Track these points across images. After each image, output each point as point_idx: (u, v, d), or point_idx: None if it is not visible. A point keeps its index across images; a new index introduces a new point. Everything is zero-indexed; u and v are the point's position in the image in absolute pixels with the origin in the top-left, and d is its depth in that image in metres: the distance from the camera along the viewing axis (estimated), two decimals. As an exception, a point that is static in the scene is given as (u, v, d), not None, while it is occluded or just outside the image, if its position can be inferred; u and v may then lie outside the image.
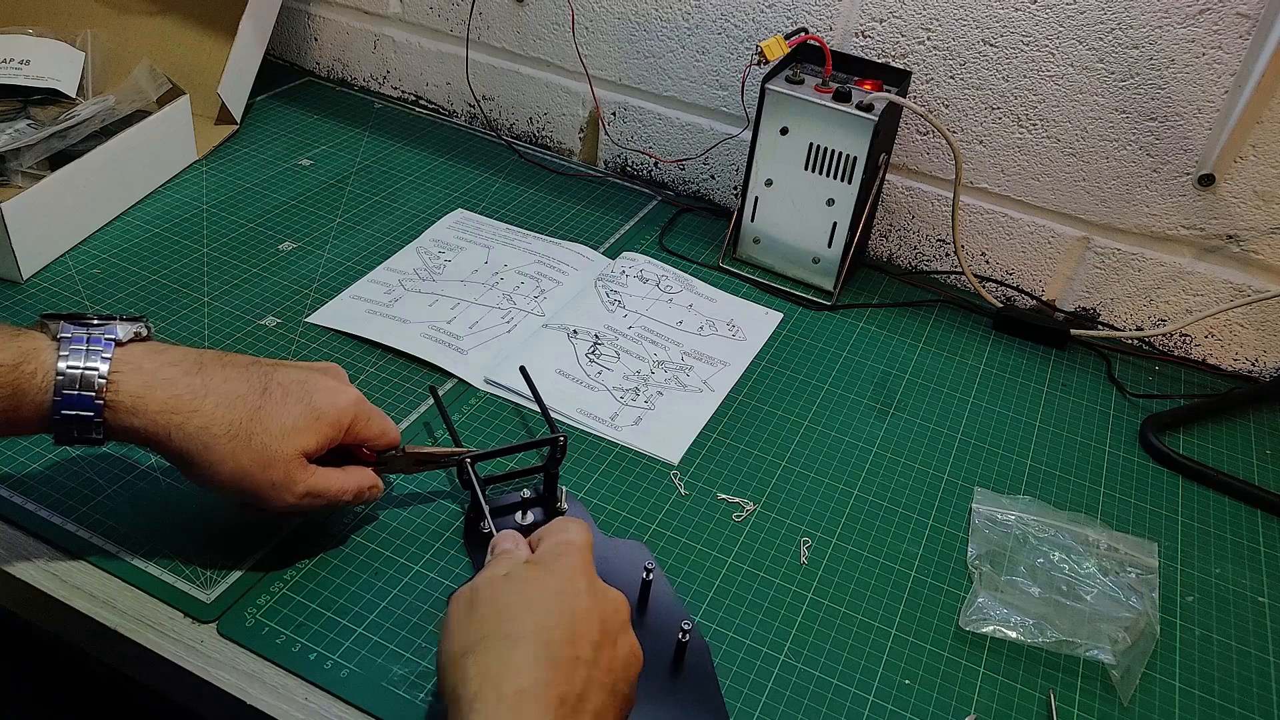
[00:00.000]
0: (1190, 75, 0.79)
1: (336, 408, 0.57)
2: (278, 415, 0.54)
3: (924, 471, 0.73)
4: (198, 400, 0.53)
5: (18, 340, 0.52)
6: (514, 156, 1.08)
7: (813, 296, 0.90)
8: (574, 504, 0.66)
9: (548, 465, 0.66)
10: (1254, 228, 0.82)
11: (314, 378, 0.58)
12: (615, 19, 0.99)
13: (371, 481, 0.60)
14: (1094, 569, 0.64)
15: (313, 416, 0.55)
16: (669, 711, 0.54)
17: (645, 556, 0.62)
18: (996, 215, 0.92)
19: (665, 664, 0.56)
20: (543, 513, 0.65)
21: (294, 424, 0.55)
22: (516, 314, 0.83)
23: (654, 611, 0.59)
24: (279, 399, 0.55)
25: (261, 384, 0.55)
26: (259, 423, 0.54)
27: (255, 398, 0.54)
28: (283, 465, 0.54)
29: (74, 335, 0.52)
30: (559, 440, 0.65)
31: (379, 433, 0.60)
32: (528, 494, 0.65)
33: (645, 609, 0.59)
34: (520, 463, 0.68)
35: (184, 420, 0.53)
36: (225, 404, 0.54)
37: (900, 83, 0.86)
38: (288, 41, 1.20)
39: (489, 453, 0.64)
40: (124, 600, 0.57)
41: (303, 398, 0.56)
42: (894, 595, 0.63)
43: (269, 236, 0.89)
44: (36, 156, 0.85)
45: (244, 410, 0.54)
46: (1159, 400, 0.83)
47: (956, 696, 0.58)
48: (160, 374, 0.53)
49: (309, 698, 0.54)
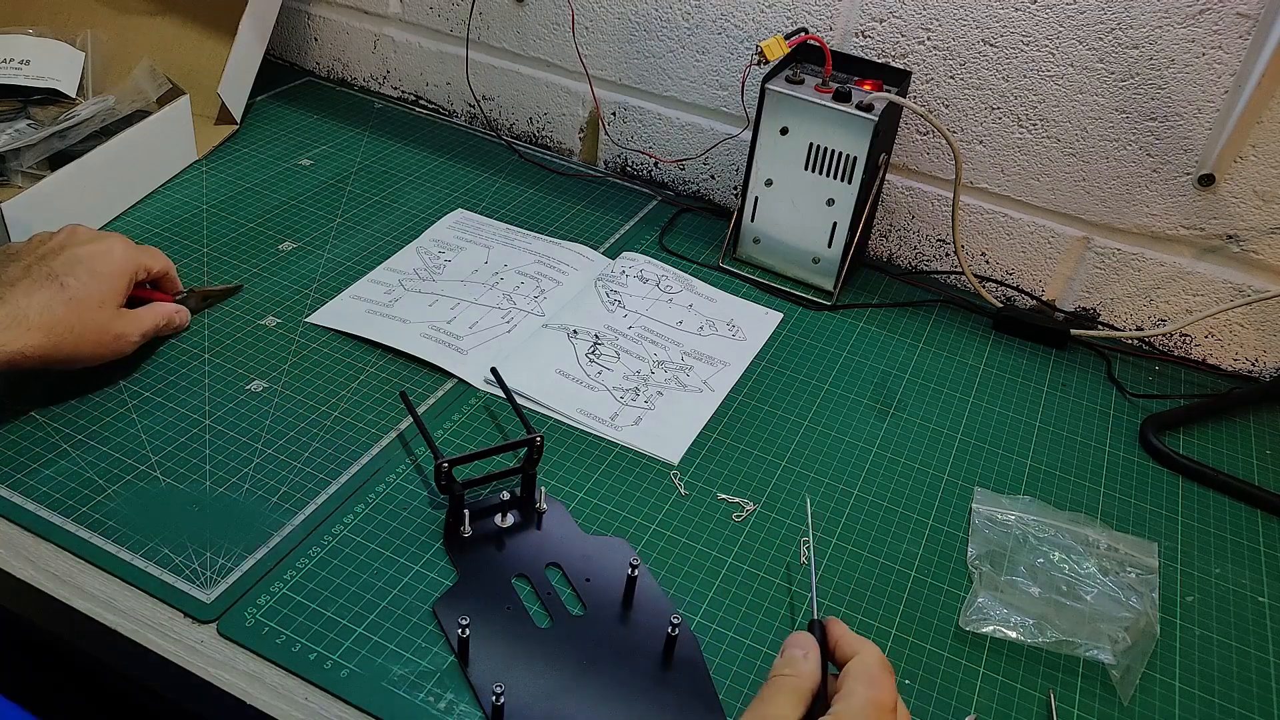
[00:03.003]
0: (1190, 75, 0.79)
1: (119, 262, 0.70)
2: (85, 293, 0.66)
3: (924, 471, 0.73)
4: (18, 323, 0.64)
5: None
6: (514, 156, 1.08)
7: (813, 296, 0.90)
8: (553, 504, 0.66)
9: (525, 466, 0.66)
10: (1254, 228, 0.82)
11: (86, 247, 0.69)
12: (615, 19, 0.99)
13: (176, 308, 0.75)
14: (1094, 569, 0.64)
15: (103, 280, 0.68)
16: (662, 704, 0.55)
17: (629, 553, 0.63)
18: (996, 215, 0.92)
19: (655, 657, 0.57)
20: (520, 514, 0.65)
21: (101, 292, 0.67)
22: (516, 314, 0.83)
23: (641, 607, 0.60)
24: (74, 286, 0.66)
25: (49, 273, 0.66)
26: (75, 310, 0.66)
27: (55, 290, 0.65)
28: (110, 326, 0.68)
29: None
30: (535, 441, 0.65)
31: (162, 267, 0.75)
32: (506, 496, 0.65)
33: (632, 604, 0.60)
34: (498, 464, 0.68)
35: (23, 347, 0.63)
36: (40, 311, 0.64)
37: (900, 83, 0.86)
38: (288, 41, 1.20)
39: (465, 456, 0.63)
40: (124, 600, 0.57)
41: (88, 267, 0.68)
42: (894, 595, 0.63)
43: (269, 236, 0.89)
44: (36, 156, 0.85)
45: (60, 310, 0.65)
46: (1159, 400, 0.83)
47: (956, 696, 0.58)
48: None
49: (309, 698, 0.54)
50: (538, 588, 0.60)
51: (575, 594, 0.60)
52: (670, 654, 0.57)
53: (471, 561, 0.61)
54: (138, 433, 0.67)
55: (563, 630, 0.58)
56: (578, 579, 0.61)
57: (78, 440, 0.66)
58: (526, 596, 0.60)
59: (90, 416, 0.68)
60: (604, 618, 0.59)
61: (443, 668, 0.55)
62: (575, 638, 0.57)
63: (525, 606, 0.59)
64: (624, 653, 0.57)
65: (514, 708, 0.53)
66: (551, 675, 0.55)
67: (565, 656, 0.56)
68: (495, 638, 0.57)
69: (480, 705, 0.54)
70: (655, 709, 0.54)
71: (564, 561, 0.62)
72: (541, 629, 0.58)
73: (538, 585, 0.60)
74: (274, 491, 0.65)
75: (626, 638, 0.58)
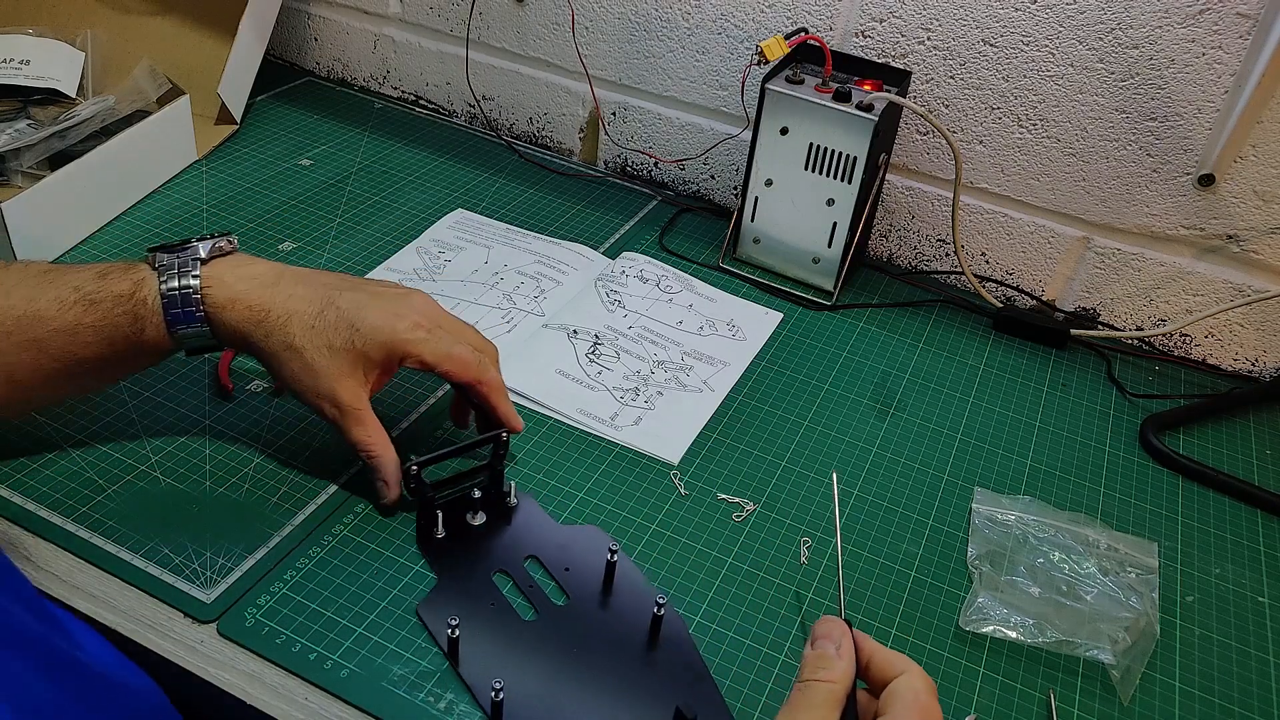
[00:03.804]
0: (1190, 75, 0.79)
1: (383, 331, 0.61)
2: (326, 334, 0.60)
3: (924, 471, 0.73)
4: (262, 314, 0.60)
5: (129, 273, 0.60)
6: (514, 156, 1.08)
7: (813, 296, 0.90)
8: (524, 497, 0.66)
9: (493, 463, 0.66)
10: (1254, 228, 0.82)
11: (376, 300, 0.62)
12: (615, 19, 0.99)
13: (385, 474, 0.62)
14: (1094, 569, 0.64)
15: (358, 334, 0.60)
16: (655, 680, 0.56)
17: (606, 540, 0.63)
18: (996, 215, 0.92)
19: (643, 637, 0.58)
20: (492, 511, 0.65)
21: (340, 344, 0.60)
22: (516, 314, 0.83)
23: (623, 590, 0.61)
24: (331, 320, 0.60)
25: (321, 305, 0.61)
26: (308, 340, 0.60)
27: (311, 317, 0.60)
28: (328, 381, 0.60)
29: (168, 261, 0.60)
30: (502, 437, 0.65)
31: (439, 358, 0.62)
32: (478, 494, 0.64)
33: (613, 589, 0.60)
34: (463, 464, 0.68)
35: (252, 329, 0.60)
36: (284, 319, 0.60)
37: (900, 83, 0.86)
38: (288, 41, 1.20)
39: (433, 457, 0.63)
40: (124, 600, 0.57)
41: (354, 320, 0.61)
42: (894, 595, 0.63)
43: (269, 236, 0.89)
44: (36, 156, 0.85)
45: (297, 328, 0.60)
46: (1159, 400, 0.83)
47: (956, 696, 0.58)
48: (238, 287, 0.60)
49: (309, 698, 0.54)
50: (519, 581, 0.60)
51: (556, 584, 0.61)
52: (656, 632, 0.58)
53: (449, 562, 0.61)
54: (138, 433, 0.67)
55: (549, 621, 0.58)
56: (557, 569, 0.61)
57: (78, 440, 0.66)
58: (509, 591, 0.60)
59: (90, 416, 0.68)
60: (588, 604, 0.60)
61: (442, 668, 0.55)
62: (562, 627, 0.58)
63: (509, 601, 0.59)
64: (612, 636, 0.58)
65: (513, 702, 0.53)
66: (544, 666, 0.56)
67: (555, 646, 0.57)
68: (483, 635, 0.57)
69: (479, 704, 0.54)
70: (650, 686, 0.56)
71: (541, 553, 0.62)
72: (528, 621, 0.58)
73: (518, 579, 0.61)
74: (274, 491, 0.65)
75: (612, 621, 0.59)
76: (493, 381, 0.65)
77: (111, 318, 0.58)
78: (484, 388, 0.64)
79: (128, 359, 0.61)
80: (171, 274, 0.59)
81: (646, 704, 0.54)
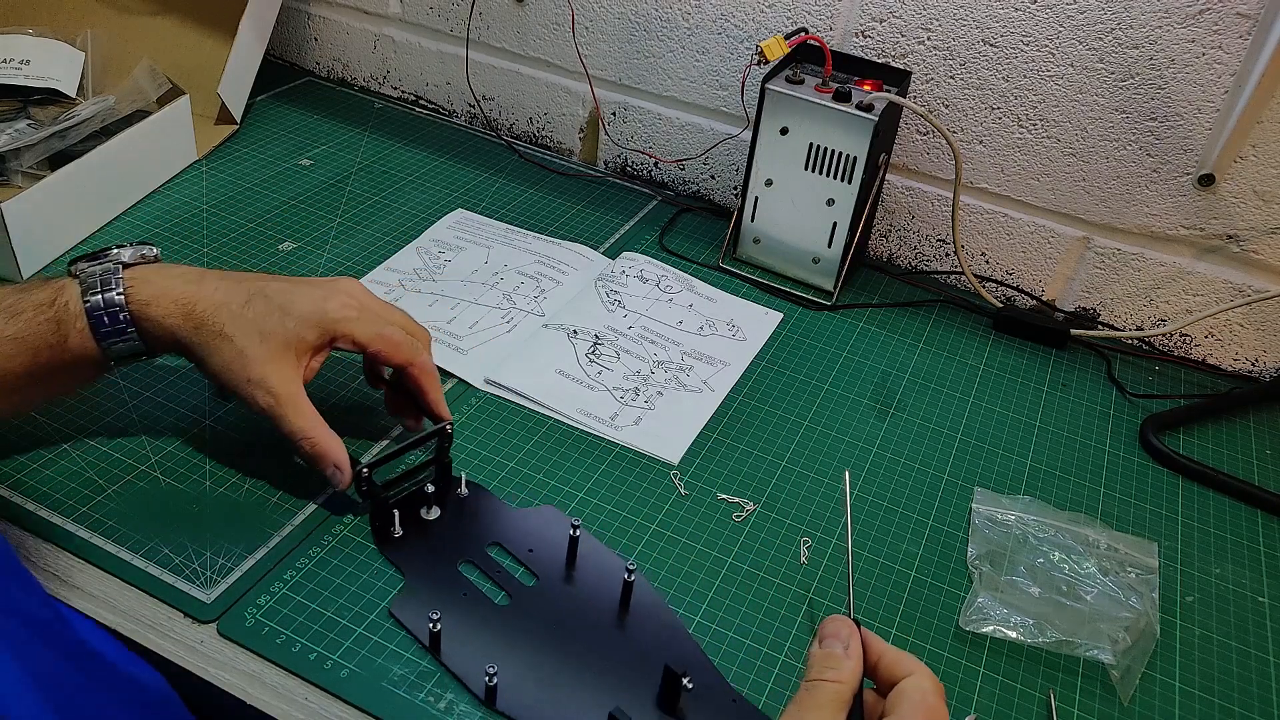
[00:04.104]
0: (1190, 75, 0.79)
1: (314, 314, 0.61)
2: (256, 321, 0.60)
3: (924, 471, 0.73)
4: (189, 306, 0.60)
5: (50, 283, 0.60)
6: (514, 156, 1.08)
7: (813, 296, 0.90)
8: (474, 487, 0.66)
9: (438, 456, 0.66)
10: (1254, 228, 0.82)
11: (302, 287, 0.62)
12: (615, 19, 0.99)
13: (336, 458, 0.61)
14: (1094, 569, 0.64)
15: (288, 317, 0.60)
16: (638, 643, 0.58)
17: (564, 518, 0.65)
18: (996, 215, 0.92)
19: (615, 605, 0.60)
20: (445, 504, 0.65)
21: (270, 326, 0.60)
22: (516, 314, 0.83)
23: (589, 564, 0.62)
24: (260, 308, 0.60)
25: (247, 295, 0.61)
26: (237, 327, 0.59)
27: (239, 306, 0.60)
28: (259, 366, 0.59)
29: (88, 267, 0.60)
30: (445, 430, 0.65)
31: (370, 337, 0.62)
32: (431, 489, 0.64)
33: (578, 564, 0.62)
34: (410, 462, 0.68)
35: (180, 323, 0.59)
36: (211, 310, 0.60)
37: (900, 83, 0.86)
38: (288, 41, 1.20)
39: (382, 459, 0.63)
40: (124, 600, 0.57)
41: (284, 301, 0.61)
42: (894, 595, 0.63)
43: (269, 236, 0.89)
44: (36, 156, 0.85)
45: (225, 316, 0.60)
46: (1159, 400, 0.83)
47: (956, 696, 0.58)
48: (162, 284, 0.60)
49: (309, 698, 0.54)
50: (486, 569, 0.61)
51: (523, 566, 0.61)
52: (628, 599, 0.60)
53: (413, 559, 0.61)
54: (138, 433, 0.67)
55: (523, 602, 0.59)
56: (520, 552, 0.62)
57: (78, 440, 0.66)
58: (478, 579, 0.60)
59: (90, 416, 0.68)
60: (557, 582, 0.61)
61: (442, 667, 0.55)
62: (537, 606, 0.59)
63: (480, 589, 0.60)
64: (587, 607, 0.59)
65: (504, 686, 0.54)
66: (527, 646, 0.57)
67: (533, 626, 0.58)
68: (461, 625, 0.57)
69: (471, 692, 0.54)
70: (633, 649, 0.57)
71: (503, 538, 0.63)
72: (502, 606, 0.59)
73: (485, 567, 0.61)
74: (274, 491, 0.65)
75: (584, 594, 0.60)
76: (424, 365, 0.65)
77: (33, 326, 0.57)
78: (415, 370, 0.64)
79: (55, 372, 0.59)
80: (93, 276, 0.59)
81: (632, 666, 0.56)
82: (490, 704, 0.53)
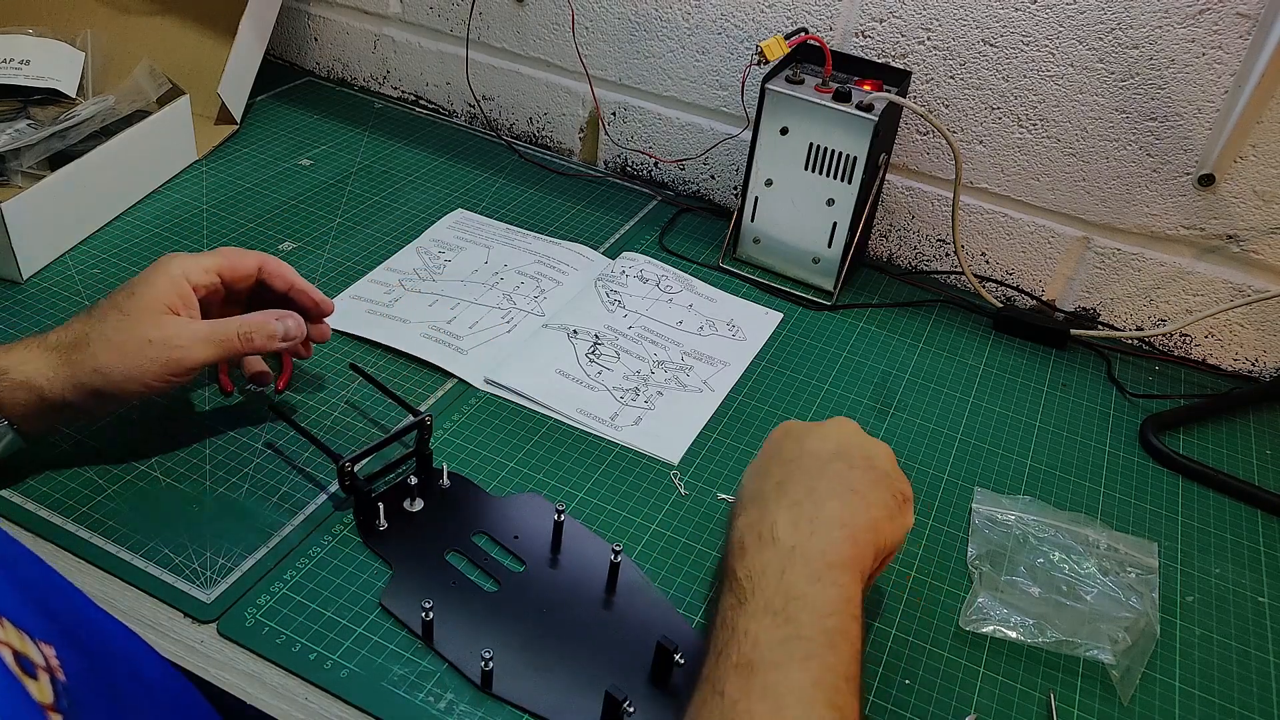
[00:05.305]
0: (1190, 75, 0.79)
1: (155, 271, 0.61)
2: (111, 306, 0.60)
3: (924, 471, 0.73)
4: (39, 347, 0.59)
5: None
6: (514, 156, 1.08)
7: (813, 296, 0.90)
8: (456, 477, 0.67)
9: (419, 448, 0.66)
10: (1254, 228, 0.82)
11: (134, 277, 0.62)
12: (615, 19, 0.99)
13: (238, 322, 0.62)
14: (1094, 569, 0.64)
15: (135, 290, 0.60)
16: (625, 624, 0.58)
17: (548, 504, 0.65)
18: (996, 215, 0.92)
19: (603, 587, 0.61)
20: (428, 495, 0.65)
21: (126, 305, 0.59)
22: (516, 314, 0.83)
23: (575, 547, 0.63)
24: (104, 303, 0.60)
25: (87, 310, 0.61)
26: (97, 322, 0.59)
27: (84, 315, 0.60)
28: (142, 331, 0.59)
29: None
30: (425, 422, 0.65)
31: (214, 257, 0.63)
32: (414, 481, 0.65)
33: (563, 548, 0.63)
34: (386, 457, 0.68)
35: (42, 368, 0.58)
36: (61, 333, 0.59)
37: (900, 83, 0.86)
38: (288, 41, 1.20)
39: (363, 452, 0.63)
40: (124, 600, 0.57)
41: (123, 288, 0.61)
42: (894, 595, 0.63)
43: (269, 236, 0.89)
44: (36, 156, 0.85)
45: (79, 326, 0.59)
46: (1159, 400, 0.83)
47: (956, 696, 0.58)
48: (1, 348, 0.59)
49: (309, 698, 0.54)
50: (473, 557, 0.61)
51: (510, 553, 0.62)
52: (615, 580, 0.61)
53: (400, 550, 0.61)
54: (138, 433, 0.67)
55: (512, 588, 0.60)
56: (506, 539, 0.63)
57: (78, 440, 0.66)
58: (465, 568, 0.61)
59: (90, 416, 0.68)
60: (545, 566, 0.61)
61: (443, 667, 0.55)
62: (526, 591, 0.60)
63: (468, 577, 0.60)
64: (576, 590, 0.60)
65: (499, 670, 0.55)
66: (518, 631, 0.57)
67: (524, 611, 0.58)
68: (453, 613, 0.58)
69: (467, 679, 0.54)
70: (623, 629, 0.58)
71: (488, 527, 0.64)
72: (492, 593, 0.59)
73: (472, 555, 0.62)
74: (274, 491, 0.65)
75: (572, 577, 0.61)
76: (274, 260, 0.66)
77: None
78: (269, 267, 0.66)
79: None
80: None
81: (624, 645, 0.57)
82: (487, 689, 0.54)
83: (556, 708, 0.54)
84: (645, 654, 0.56)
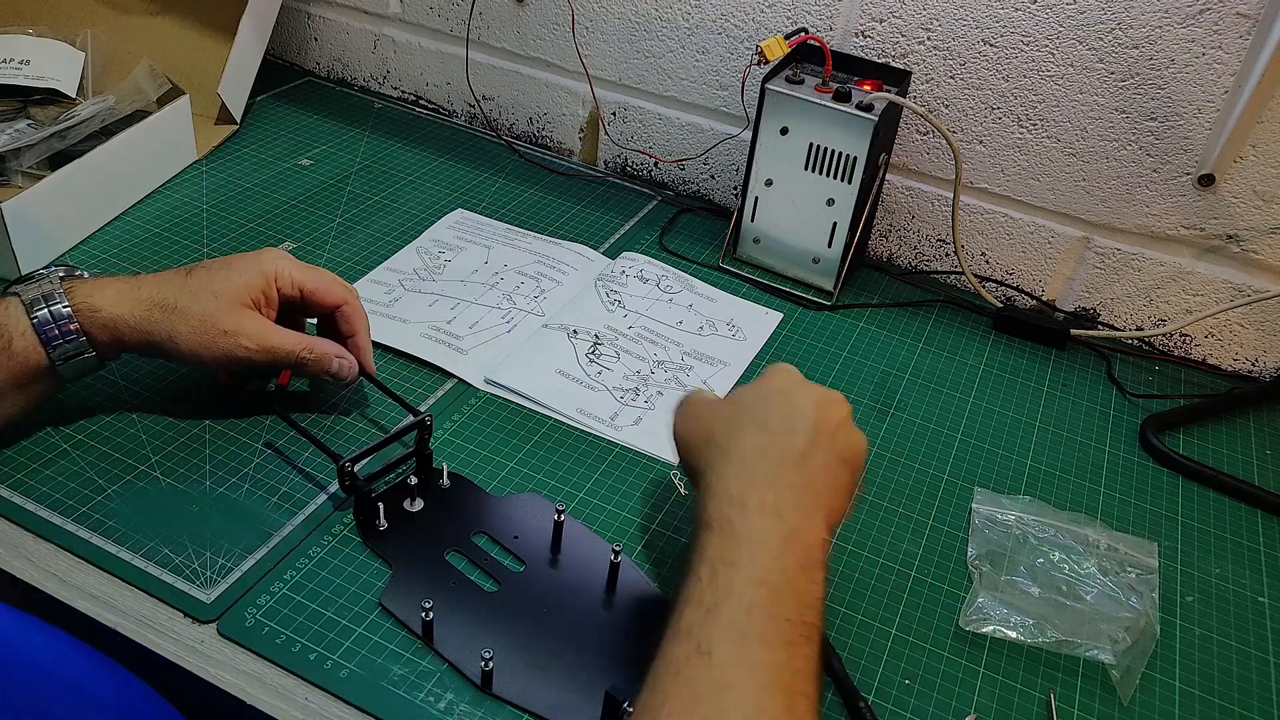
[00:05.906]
0: (1190, 75, 0.79)
1: (252, 264, 0.65)
2: (205, 284, 0.63)
3: (924, 471, 0.73)
4: (133, 293, 0.63)
5: None
6: (514, 156, 1.08)
7: (813, 296, 0.90)
8: (456, 478, 0.67)
9: (419, 449, 0.66)
10: (1254, 228, 0.82)
11: (235, 255, 0.66)
12: (615, 19, 0.99)
13: (336, 352, 0.67)
14: (1094, 569, 0.64)
15: (232, 274, 0.64)
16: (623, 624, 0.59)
17: (548, 504, 0.65)
18: (996, 215, 0.92)
19: (602, 587, 0.61)
20: (428, 494, 0.65)
21: (219, 287, 0.63)
22: (516, 314, 0.83)
23: (575, 547, 0.63)
24: (203, 275, 0.64)
25: (185, 271, 0.65)
26: (190, 296, 0.63)
27: (181, 280, 0.64)
28: (223, 318, 0.63)
29: (27, 285, 0.61)
30: (425, 421, 0.66)
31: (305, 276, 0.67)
32: (414, 481, 0.65)
33: (563, 548, 0.63)
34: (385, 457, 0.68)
35: (128, 312, 0.62)
36: (156, 289, 0.63)
37: (900, 83, 0.86)
38: (288, 41, 1.20)
39: (363, 453, 0.63)
40: (124, 600, 0.57)
41: (222, 266, 0.65)
42: (894, 595, 0.63)
43: (269, 236, 0.89)
44: (36, 156, 0.85)
45: (172, 290, 0.63)
46: (1159, 400, 0.83)
47: (956, 696, 0.58)
48: (98, 282, 0.63)
49: (309, 698, 0.54)
50: (473, 557, 0.61)
51: (510, 553, 0.62)
52: (615, 580, 0.61)
53: (400, 550, 0.62)
54: (138, 433, 0.67)
55: (511, 588, 0.60)
56: (506, 538, 0.63)
57: (78, 440, 0.66)
58: (465, 567, 0.61)
59: (90, 416, 0.68)
60: (545, 566, 0.62)
61: (443, 667, 0.55)
62: (526, 591, 0.60)
63: (468, 577, 0.60)
64: (576, 590, 0.60)
65: (499, 671, 0.54)
66: (518, 631, 0.57)
67: (524, 610, 0.58)
68: (453, 613, 0.58)
69: (467, 678, 0.54)
70: (622, 629, 0.58)
71: (488, 526, 0.63)
72: (492, 593, 0.59)
73: (472, 555, 0.62)
74: (274, 491, 0.65)
75: (572, 577, 0.61)
76: (356, 306, 0.69)
77: None
78: (348, 309, 0.68)
79: (2, 390, 0.60)
80: (34, 289, 0.61)
81: (624, 645, 0.57)
82: (487, 689, 0.54)
83: (556, 708, 0.54)
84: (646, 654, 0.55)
